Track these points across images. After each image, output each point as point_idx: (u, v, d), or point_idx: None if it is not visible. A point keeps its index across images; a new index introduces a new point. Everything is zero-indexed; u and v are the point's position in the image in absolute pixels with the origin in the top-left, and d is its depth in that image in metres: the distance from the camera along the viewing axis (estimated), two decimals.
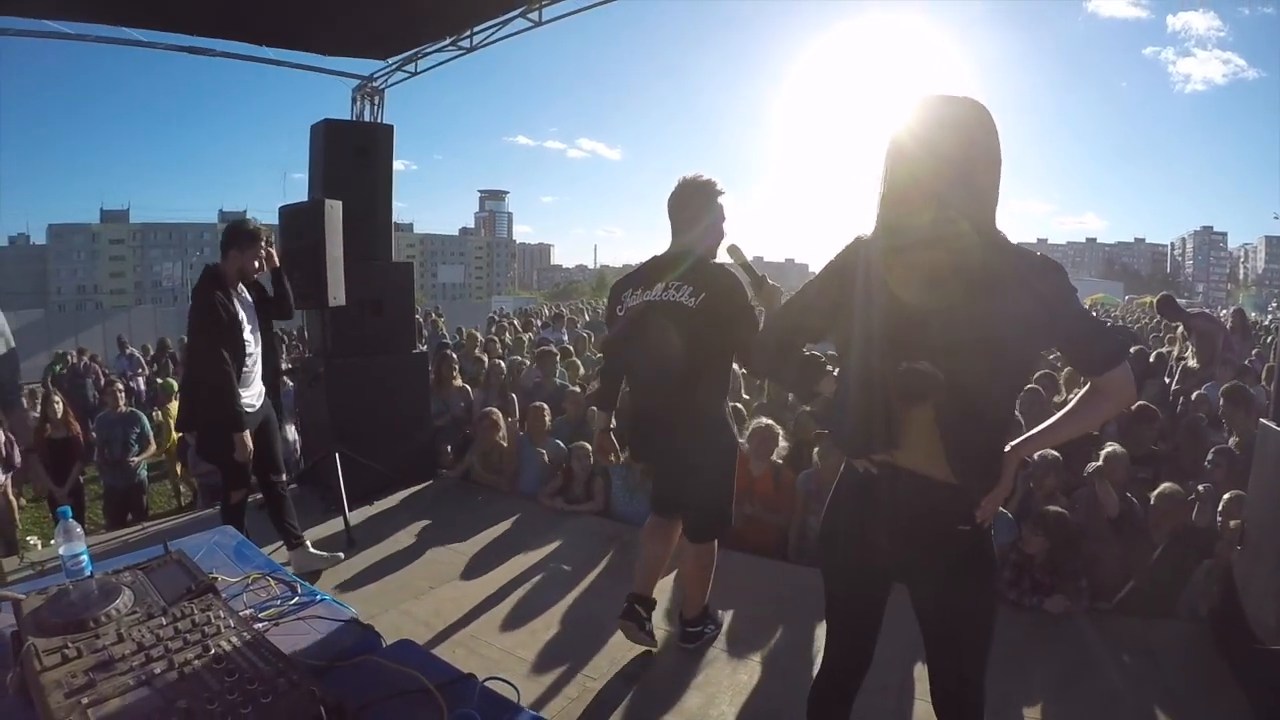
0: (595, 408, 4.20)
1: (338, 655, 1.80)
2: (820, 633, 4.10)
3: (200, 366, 4.51)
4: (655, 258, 3.61)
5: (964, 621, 2.21)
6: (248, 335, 4.56)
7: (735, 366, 6.59)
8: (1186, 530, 4.58)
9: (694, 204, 3.51)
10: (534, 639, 4.14)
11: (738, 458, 3.79)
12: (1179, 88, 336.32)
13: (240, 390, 4.47)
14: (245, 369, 4.53)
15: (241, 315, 4.53)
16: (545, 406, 6.97)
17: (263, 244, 4.66)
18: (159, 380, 12.19)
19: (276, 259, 4.82)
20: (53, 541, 2.52)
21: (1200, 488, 4.78)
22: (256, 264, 4.65)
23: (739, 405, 7.03)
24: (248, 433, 4.51)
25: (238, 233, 4.61)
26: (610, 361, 4.07)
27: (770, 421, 5.79)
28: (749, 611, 4.41)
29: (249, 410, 4.56)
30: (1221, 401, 6.17)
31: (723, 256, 3.53)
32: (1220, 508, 4.51)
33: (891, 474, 2.12)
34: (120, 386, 8.69)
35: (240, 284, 4.63)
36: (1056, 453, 4.96)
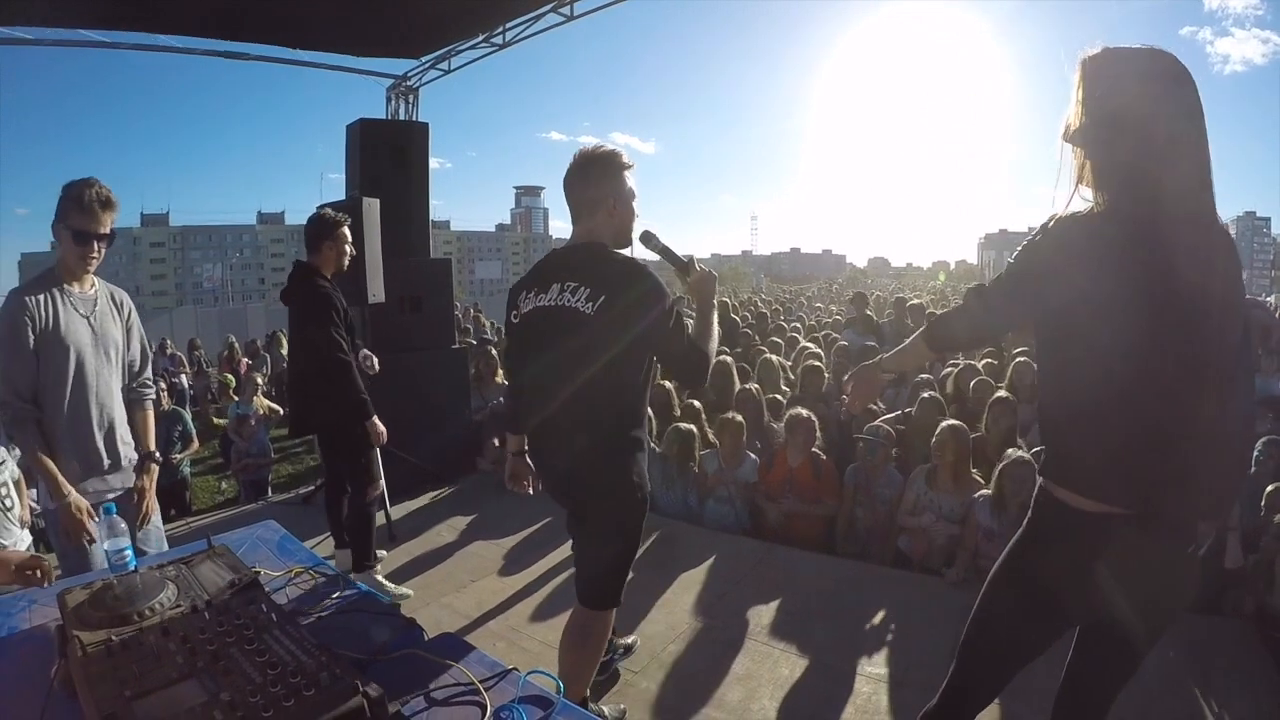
0: (508, 432, 3.38)
1: (380, 648, 1.80)
2: (868, 626, 4.13)
3: (322, 362, 4.39)
4: (554, 251, 2.97)
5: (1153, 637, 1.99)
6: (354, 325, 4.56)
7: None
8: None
9: (593, 182, 2.80)
10: (570, 619, 4.13)
11: (644, 512, 2.87)
12: (1217, 69, 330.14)
13: None
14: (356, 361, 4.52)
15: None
16: None
17: (346, 228, 4.60)
18: (222, 377, 12.37)
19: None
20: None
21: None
22: (348, 249, 4.61)
23: (778, 397, 6.97)
24: (376, 418, 4.52)
25: (325, 224, 4.55)
26: (514, 378, 3.47)
27: (807, 412, 5.75)
28: (791, 605, 4.38)
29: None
30: None
31: (637, 248, 2.97)
32: (1264, 500, 4.40)
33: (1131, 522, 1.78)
34: (163, 385, 8.79)
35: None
36: None
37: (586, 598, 2.94)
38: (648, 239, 2.95)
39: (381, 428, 4.54)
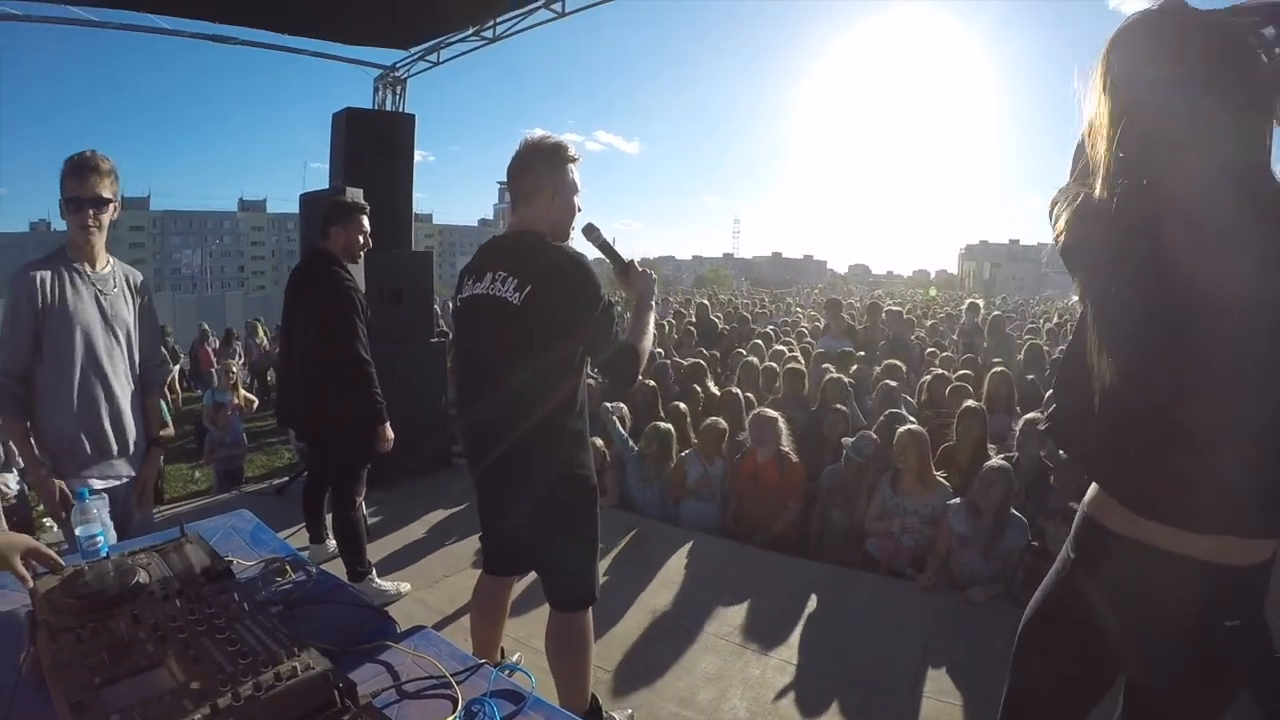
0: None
1: (352, 640, 1.80)
2: (840, 628, 4.16)
3: (343, 361, 4.20)
4: (492, 239, 2.92)
5: None
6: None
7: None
8: None
9: (534, 171, 2.71)
10: (544, 627, 4.13)
11: (593, 503, 2.82)
12: None
13: None
14: None
15: None
16: None
17: (365, 217, 4.47)
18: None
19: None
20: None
21: None
22: (361, 239, 4.45)
23: (751, 397, 6.98)
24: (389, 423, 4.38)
25: (338, 207, 4.44)
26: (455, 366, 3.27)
27: (767, 409, 5.89)
28: (763, 605, 4.40)
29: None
30: None
31: (578, 240, 2.85)
32: None
33: (1138, 551, 1.60)
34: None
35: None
36: None
37: (555, 600, 2.87)
38: (590, 231, 2.87)
39: (391, 434, 4.40)
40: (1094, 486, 1.77)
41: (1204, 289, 1.42)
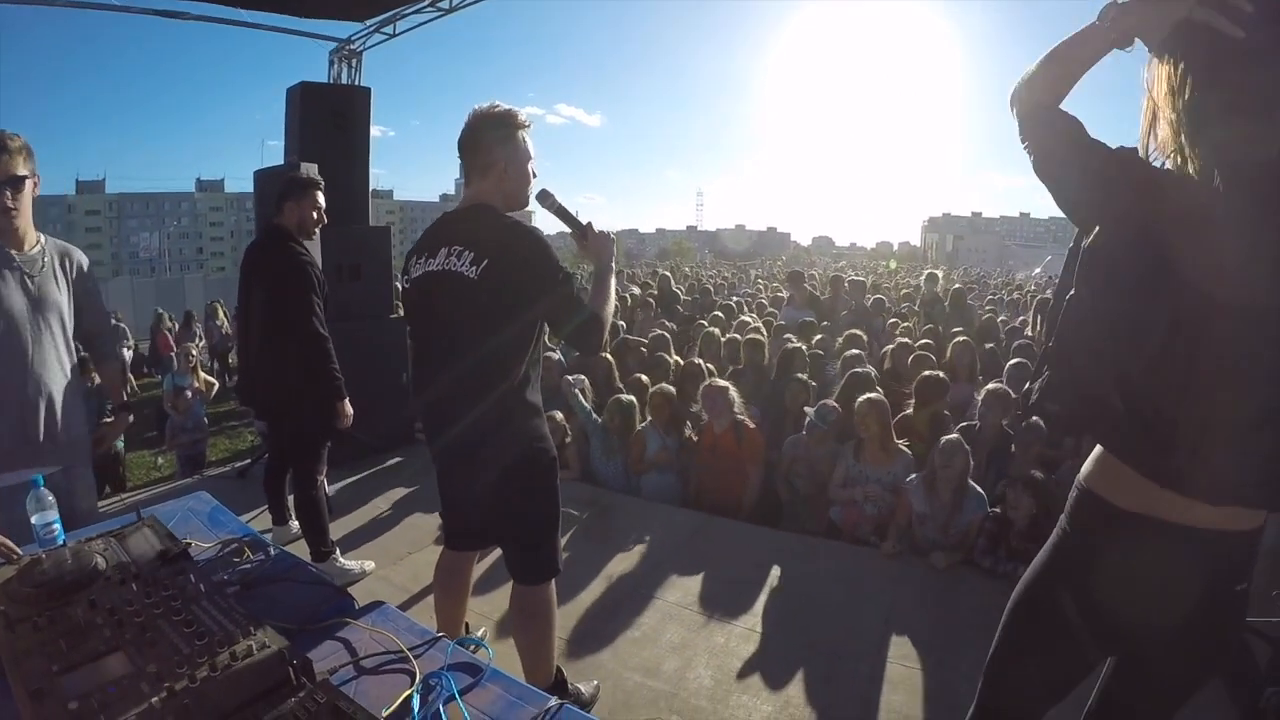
0: None
1: (310, 619, 1.81)
2: (803, 595, 4.21)
3: (300, 337, 4.17)
4: (444, 215, 2.86)
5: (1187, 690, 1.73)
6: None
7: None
8: None
9: (485, 144, 2.68)
10: (507, 601, 4.14)
11: (553, 475, 2.78)
12: None
13: None
14: None
15: None
16: None
17: (319, 192, 4.43)
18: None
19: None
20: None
21: None
22: (315, 215, 4.40)
23: (710, 367, 7.01)
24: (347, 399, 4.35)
25: (291, 183, 4.40)
26: (411, 345, 3.29)
27: (717, 380, 5.96)
28: (727, 575, 4.46)
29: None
30: None
31: (533, 209, 2.92)
32: None
33: (1148, 525, 1.58)
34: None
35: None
36: (1042, 423, 4.97)
37: (517, 573, 2.86)
38: (544, 198, 2.83)
39: (350, 410, 4.38)
40: (1094, 462, 1.72)
41: (1215, 289, 1.40)
